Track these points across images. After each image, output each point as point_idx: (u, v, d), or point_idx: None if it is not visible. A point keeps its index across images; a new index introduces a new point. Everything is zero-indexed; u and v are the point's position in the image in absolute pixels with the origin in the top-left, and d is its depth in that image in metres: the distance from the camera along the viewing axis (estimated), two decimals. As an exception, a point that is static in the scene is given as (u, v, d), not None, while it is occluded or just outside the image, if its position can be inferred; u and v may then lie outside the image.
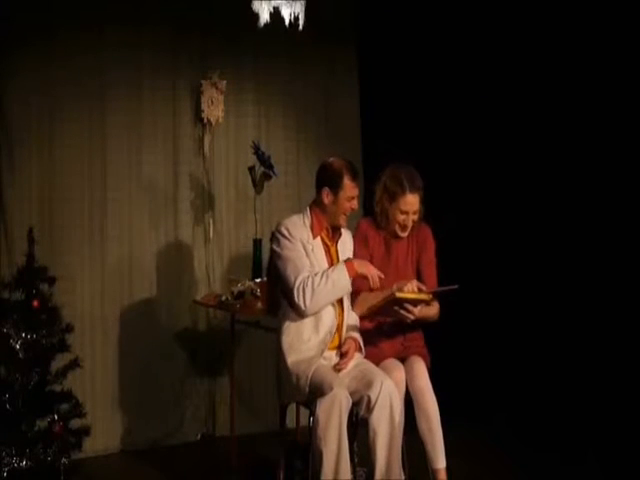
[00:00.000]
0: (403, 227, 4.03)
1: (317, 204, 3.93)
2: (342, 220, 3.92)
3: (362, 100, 5.81)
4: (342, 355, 3.85)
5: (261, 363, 5.30)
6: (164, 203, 5.23)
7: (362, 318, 4.03)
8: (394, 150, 5.43)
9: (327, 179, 3.89)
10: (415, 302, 3.83)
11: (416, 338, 4.12)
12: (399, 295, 3.76)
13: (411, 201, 3.98)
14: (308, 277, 3.75)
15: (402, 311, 3.83)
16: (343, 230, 4.01)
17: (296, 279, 3.76)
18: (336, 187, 3.86)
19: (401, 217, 4.01)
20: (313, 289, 3.73)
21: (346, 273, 3.76)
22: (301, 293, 3.74)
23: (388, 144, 5.57)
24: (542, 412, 5.06)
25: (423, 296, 3.82)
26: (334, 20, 5.60)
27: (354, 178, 3.88)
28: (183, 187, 5.28)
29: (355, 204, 3.89)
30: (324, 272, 3.77)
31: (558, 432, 4.92)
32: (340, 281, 3.76)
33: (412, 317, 3.86)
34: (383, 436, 3.63)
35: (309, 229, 3.90)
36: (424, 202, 4.03)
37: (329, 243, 3.95)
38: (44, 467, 3.95)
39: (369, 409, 3.64)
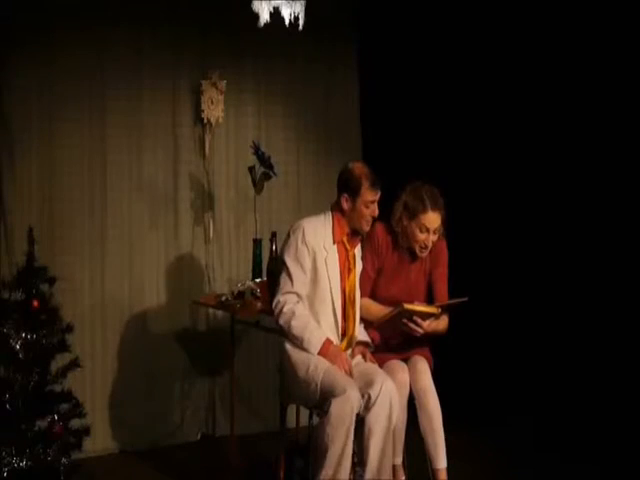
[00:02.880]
0: (424, 247, 3.97)
1: (338, 208, 3.90)
2: (364, 225, 3.88)
3: (362, 100, 5.81)
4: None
5: (261, 363, 5.30)
6: (164, 203, 5.23)
7: (367, 327, 4.04)
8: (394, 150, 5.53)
9: (346, 185, 3.86)
10: (424, 315, 3.83)
11: (422, 344, 4.10)
12: (407, 307, 3.77)
13: (432, 218, 3.92)
14: (295, 305, 3.76)
15: (411, 324, 3.83)
16: None
17: (283, 295, 3.79)
18: (354, 194, 3.82)
19: (422, 236, 3.93)
20: (289, 324, 3.76)
21: (317, 348, 3.73)
22: (278, 310, 3.80)
23: (388, 144, 5.60)
24: (542, 413, 5.06)
25: (432, 309, 3.83)
26: (334, 20, 5.59)
27: (373, 185, 3.82)
28: (183, 187, 5.28)
29: (375, 211, 3.85)
30: (308, 324, 3.75)
31: (559, 433, 4.92)
32: (310, 344, 3.74)
33: (421, 331, 3.85)
34: (378, 436, 3.65)
35: (330, 233, 3.86)
36: (445, 223, 3.98)
37: (348, 247, 3.90)
38: (44, 467, 3.94)
39: (367, 407, 3.66)
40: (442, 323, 3.96)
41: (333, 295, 3.84)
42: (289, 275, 3.81)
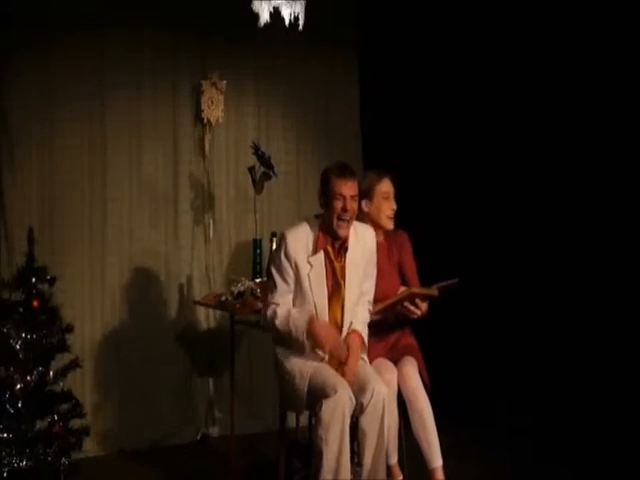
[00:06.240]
0: (391, 217, 4.15)
1: (321, 220, 3.78)
2: (339, 228, 3.68)
3: (362, 101, 5.81)
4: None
5: (261, 363, 5.30)
6: (164, 203, 5.24)
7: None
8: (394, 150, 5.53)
9: (320, 187, 3.77)
10: (424, 297, 4.04)
11: (407, 335, 4.19)
12: (415, 290, 4.00)
13: (387, 186, 4.13)
14: (275, 309, 3.74)
15: (412, 307, 4.00)
16: (355, 240, 3.79)
17: (266, 307, 3.80)
18: (325, 190, 3.72)
19: (384, 204, 4.11)
20: (274, 327, 3.76)
21: (304, 330, 3.67)
22: (263, 321, 3.82)
23: (388, 144, 5.60)
24: (538, 411, 5.06)
25: (432, 291, 4.01)
26: (334, 20, 5.60)
27: (340, 175, 3.66)
28: (183, 187, 5.28)
29: (349, 204, 3.65)
30: (289, 315, 3.71)
31: (555, 431, 4.92)
32: (297, 331, 3.69)
33: (419, 312, 4.01)
34: (371, 438, 3.67)
35: (312, 244, 3.73)
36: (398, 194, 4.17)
37: (334, 259, 3.76)
38: (44, 467, 3.96)
39: (361, 410, 3.67)
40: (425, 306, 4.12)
41: (318, 314, 3.73)
42: (274, 285, 3.78)
